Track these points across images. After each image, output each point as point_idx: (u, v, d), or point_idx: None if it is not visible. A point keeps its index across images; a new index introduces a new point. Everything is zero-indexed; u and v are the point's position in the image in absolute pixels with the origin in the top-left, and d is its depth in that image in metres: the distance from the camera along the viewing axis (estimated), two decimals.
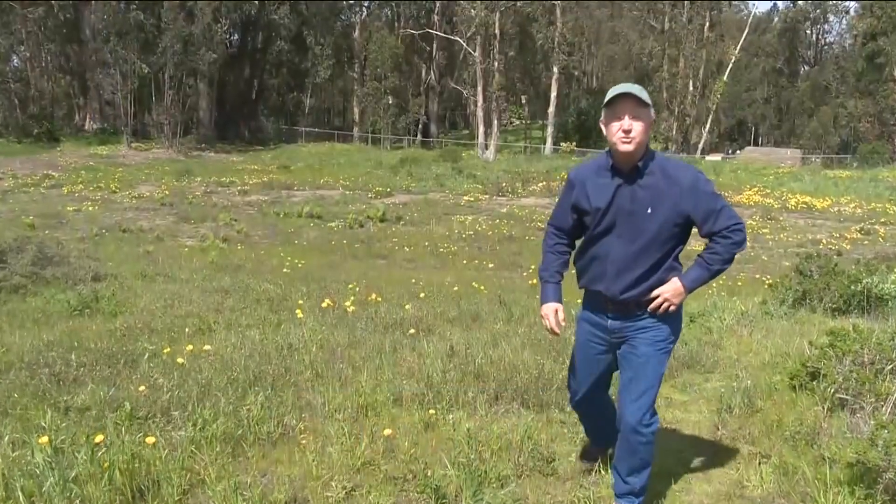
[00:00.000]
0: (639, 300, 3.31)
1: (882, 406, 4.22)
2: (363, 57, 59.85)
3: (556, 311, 3.47)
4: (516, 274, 12.05)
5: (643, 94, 3.18)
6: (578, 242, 3.57)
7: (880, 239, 20.35)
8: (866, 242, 19.78)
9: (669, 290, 3.26)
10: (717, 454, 4.30)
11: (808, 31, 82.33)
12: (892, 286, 8.24)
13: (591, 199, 3.31)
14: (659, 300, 3.26)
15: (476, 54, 50.61)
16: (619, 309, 3.37)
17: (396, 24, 61.88)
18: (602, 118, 3.31)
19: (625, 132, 3.16)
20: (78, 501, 3.43)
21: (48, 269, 9.77)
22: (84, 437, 3.90)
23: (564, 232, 3.55)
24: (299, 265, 13.06)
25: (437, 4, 58.87)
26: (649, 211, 3.19)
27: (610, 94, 3.18)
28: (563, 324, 3.47)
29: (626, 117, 3.15)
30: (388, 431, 4.17)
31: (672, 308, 3.28)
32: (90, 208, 22.26)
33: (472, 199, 27.78)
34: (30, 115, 43.11)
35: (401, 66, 58.61)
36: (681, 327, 3.53)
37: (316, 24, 56.54)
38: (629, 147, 3.16)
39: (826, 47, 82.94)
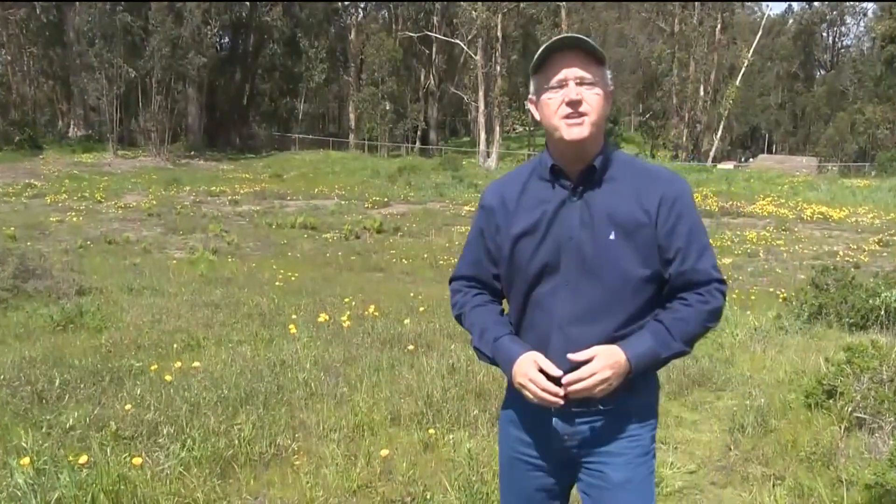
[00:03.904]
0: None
1: None
2: (359, 61, 60.04)
3: (535, 361, 2.06)
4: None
5: (595, 46, 2.09)
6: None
7: None
8: (885, 254, 19.80)
9: (606, 361, 1.99)
10: (730, 475, 4.31)
11: (825, 34, 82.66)
12: None
13: (516, 224, 2.16)
14: (588, 376, 1.98)
15: (477, 58, 50.81)
16: (570, 401, 2.08)
17: (394, 27, 62.10)
18: (531, 93, 2.18)
19: (571, 105, 2.03)
20: None
21: (30, 283, 9.79)
22: (67, 457, 3.92)
23: (483, 284, 2.33)
24: (292, 278, 13.08)
25: (437, 6, 59.14)
26: (612, 237, 2.04)
27: (542, 50, 2.08)
28: (557, 372, 2.03)
29: (572, 82, 2.04)
30: (385, 452, 4.19)
31: (603, 390, 2.00)
32: (74, 219, 22.29)
33: (473, 208, 27.75)
34: (11, 121, 43.26)
35: (399, 71, 58.80)
36: (657, 418, 2.34)
37: (310, 26, 56.81)
38: (581, 131, 2.03)
39: (843, 50, 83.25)
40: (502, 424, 2.35)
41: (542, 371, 2.04)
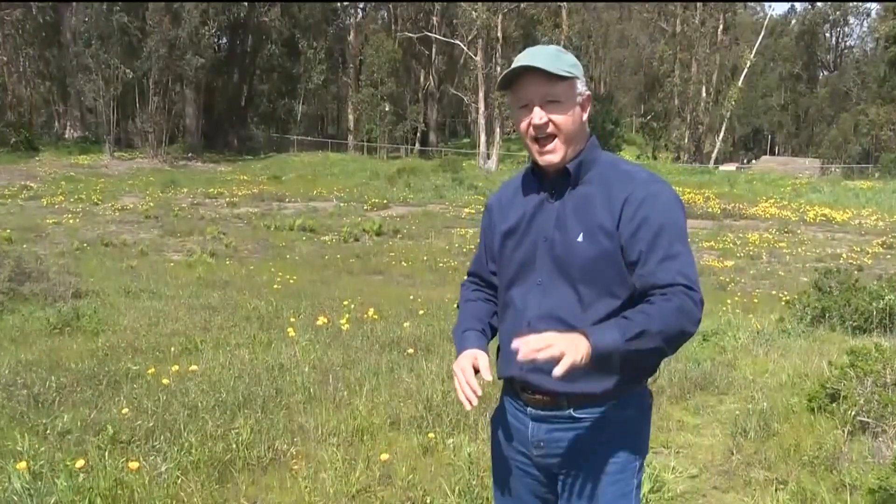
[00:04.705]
0: (572, 392, 2.06)
1: None
2: (358, 61, 60.07)
3: (475, 358, 2.11)
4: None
5: (558, 62, 2.06)
6: None
7: None
8: (889, 257, 19.81)
9: (565, 340, 1.83)
10: (732, 480, 4.31)
11: (828, 35, 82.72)
12: None
13: (504, 222, 2.25)
14: (542, 348, 1.81)
15: (477, 59, 50.85)
16: (541, 403, 2.13)
17: (393, 27, 62.14)
18: (509, 104, 2.23)
19: (538, 130, 2.07)
20: None
21: (26, 285, 9.79)
22: (64, 462, 3.92)
23: (483, 280, 2.39)
24: (291, 281, 13.08)
25: (437, 6, 59.18)
26: (580, 239, 2.06)
27: (505, 73, 2.10)
28: (489, 376, 2.08)
29: (536, 106, 2.06)
30: (384, 456, 4.18)
31: (546, 352, 1.80)
32: (70, 221, 22.29)
33: (473, 211, 27.81)
34: (7, 122, 43.20)
35: (398, 72, 58.82)
36: (647, 440, 2.22)
37: (308, 26, 56.83)
38: (552, 157, 2.09)
39: (846, 51, 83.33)
40: (492, 426, 2.40)
41: (477, 371, 2.08)
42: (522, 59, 2.07)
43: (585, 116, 2.14)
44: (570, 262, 2.05)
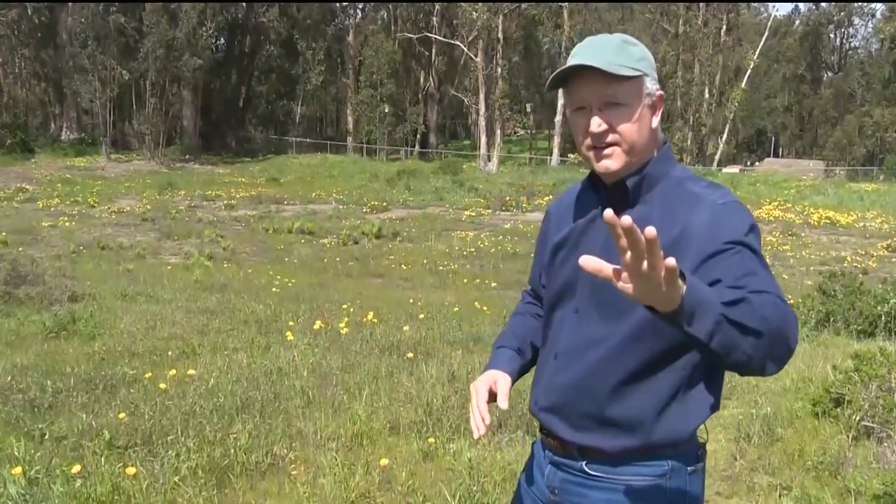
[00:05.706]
0: (580, 443, 1.83)
1: None
2: (358, 62, 60.15)
3: (495, 381, 1.93)
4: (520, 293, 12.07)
5: (620, 58, 1.71)
6: None
7: None
8: (894, 260, 19.79)
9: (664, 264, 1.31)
10: (735, 485, 4.31)
11: (832, 35, 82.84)
12: None
13: (556, 233, 1.95)
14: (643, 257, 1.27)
15: (478, 60, 50.86)
16: (554, 447, 1.91)
17: (393, 28, 62.20)
18: (566, 106, 1.86)
19: (595, 139, 1.75)
20: None
21: (22, 289, 9.80)
22: (60, 467, 3.92)
23: (535, 293, 2.17)
24: (289, 284, 13.08)
25: (437, 7, 59.22)
26: None
27: (558, 71, 1.75)
28: (504, 404, 1.89)
29: (595, 114, 1.74)
30: (384, 461, 4.19)
31: (627, 285, 1.34)
32: (67, 224, 22.29)
33: (473, 213, 27.83)
34: (2, 124, 43.22)
35: (398, 73, 58.84)
36: None
37: (307, 27, 56.91)
38: (610, 164, 1.75)
39: (851, 52, 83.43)
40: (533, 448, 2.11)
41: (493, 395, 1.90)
42: (578, 54, 1.73)
43: (657, 120, 1.83)
44: (613, 295, 1.52)
